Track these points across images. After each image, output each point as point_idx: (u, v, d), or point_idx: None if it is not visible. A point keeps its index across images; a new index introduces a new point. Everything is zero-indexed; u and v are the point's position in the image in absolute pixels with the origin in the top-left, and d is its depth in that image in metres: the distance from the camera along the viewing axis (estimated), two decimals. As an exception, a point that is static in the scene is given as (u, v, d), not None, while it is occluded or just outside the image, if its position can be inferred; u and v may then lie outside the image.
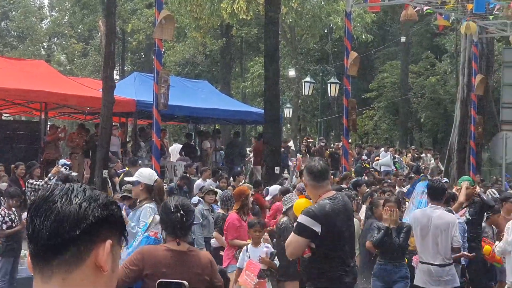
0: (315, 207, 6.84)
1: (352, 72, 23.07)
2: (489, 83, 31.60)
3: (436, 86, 46.69)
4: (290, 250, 6.94)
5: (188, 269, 5.87)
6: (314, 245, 6.82)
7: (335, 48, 46.65)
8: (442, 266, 10.47)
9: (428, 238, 10.58)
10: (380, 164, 29.37)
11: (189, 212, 6.07)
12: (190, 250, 6.07)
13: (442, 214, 10.64)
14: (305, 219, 6.78)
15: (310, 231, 6.75)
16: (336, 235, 6.90)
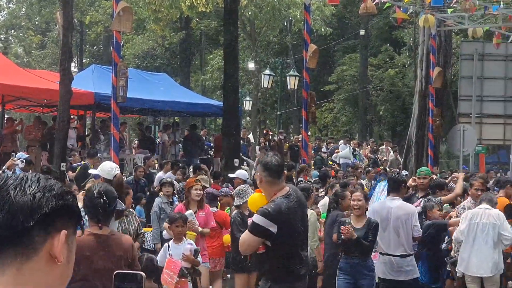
0: (271, 207, 6.74)
1: (311, 65, 23.08)
2: (447, 76, 31.85)
3: (395, 79, 47.02)
4: (244, 248, 6.90)
5: (110, 252, 6.16)
6: (270, 243, 6.78)
7: (295, 41, 46.73)
8: (403, 257, 10.55)
9: (388, 229, 10.64)
10: (339, 157, 29.49)
11: (112, 198, 6.33)
12: (112, 234, 6.37)
13: (401, 205, 10.72)
14: (260, 220, 6.70)
15: (266, 231, 6.70)
16: (291, 233, 6.87)
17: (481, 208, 10.91)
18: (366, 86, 47.65)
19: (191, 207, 11.56)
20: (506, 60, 32.32)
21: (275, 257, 6.85)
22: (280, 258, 6.85)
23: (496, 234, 10.68)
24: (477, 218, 10.80)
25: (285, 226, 6.75)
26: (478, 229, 10.73)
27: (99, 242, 6.17)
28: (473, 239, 10.77)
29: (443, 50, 29.94)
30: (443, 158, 45.45)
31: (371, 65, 49.40)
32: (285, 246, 6.86)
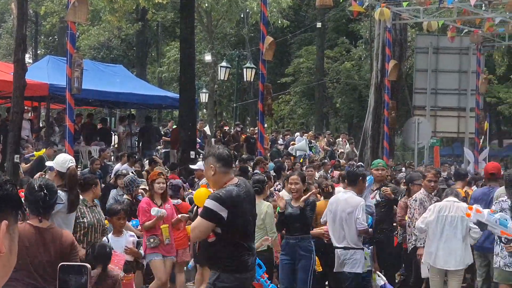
0: (222, 192, 6.86)
1: (268, 57, 23.07)
2: (402, 69, 32.10)
3: (351, 71, 47.22)
4: (196, 234, 6.98)
5: (49, 244, 6.31)
6: (220, 230, 6.85)
7: (251, 33, 46.70)
8: (346, 249, 10.65)
9: (336, 222, 10.75)
10: (295, 149, 29.55)
11: (52, 191, 6.51)
12: (51, 227, 6.50)
13: (349, 198, 10.81)
14: (212, 204, 6.79)
15: (217, 216, 6.78)
16: (241, 220, 6.95)
17: (449, 201, 10.93)
18: (323, 78, 47.77)
19: (155, 200, 11.52)
20: (460, 54, 32.66)
21: (225, 245, 6.91)
22: (230, 247, 6.90)
23: (464, 228, 10.68)
24: (445, 211, 10.82)
25: (236, 212, 6.84)
26: (446, 222, 10.74)
27: (39, 234, 6.32)
28: (441, 232, 10.78)
29: (399, 43, 30.16)
30: (398, 151, 45.86)
31: (327, 58, 49.53)
32: (235, 234, 6.92)
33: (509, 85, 47.41)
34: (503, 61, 45.02)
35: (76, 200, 8.98)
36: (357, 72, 47.47)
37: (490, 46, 35.09)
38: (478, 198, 11.54)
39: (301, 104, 51.54)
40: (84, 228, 9.57)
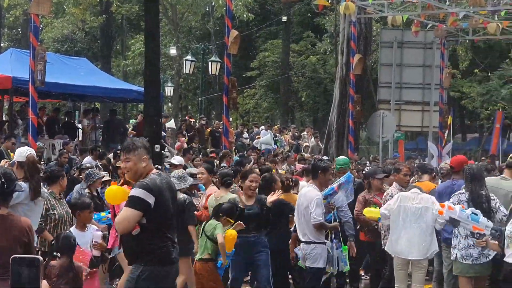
0: (147, 180, 6.80)
1: (233, 51, 23.06)
2: (367, 63, 32.22)
3: (316, 65, 47.28)
4: (125, 225, 6.75)
5: (7, 231, 6.43)
6: (145, 220, 6.75)
7: (217, 27, 46.62)
8: (307, 244, 10.68)
9: (300, 216, 10.79)
10: (260, 143, 29.56)
11: (10, 180, 6.62)
12: (10, 214, 6.62)
13: (307, 192, 10.82)
14: (139, 192, 6.71)
15: (145, 204, 6.69)
16: (166, 209, 6.91)
17: (414, 192, 10.97)
18: (288, 72, 47.79)
19: None
20: (425, 48, 32.85)
21: (149, 237, 6.80)
22: (154, 238, 6.82)
23: (429, 218, 10.72)
24: (409, 201, 10.87)
25: (161, 200, 6.80)
26: (410, 212, 10.78)
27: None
28: (403, 222, 10.82)
29: (363, 38, 30.29)
30: (364, 144, 45.98)
31: (293, 52, 49.55)
32: (160, 224, 6.86)
33: (473, 80, 47.76)
34: (466, 56, 45.39)
35: (38, 186, 8.94)
36: (322, 66, 47.55)
37: (454, 41, 35.34)
38: (442, 191, 11.61)
39: (266, 98, 51.53)
40: (55, 220, 9.62)
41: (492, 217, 9.93)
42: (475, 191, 10.32)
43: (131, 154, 6.97)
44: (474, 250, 10.19)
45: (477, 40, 36.56)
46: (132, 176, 7.01)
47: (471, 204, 10.18)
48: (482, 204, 10.14)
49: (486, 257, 10.17)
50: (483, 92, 45.80)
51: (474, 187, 10.36)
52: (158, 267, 6.86)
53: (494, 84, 45.92)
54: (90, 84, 26.08)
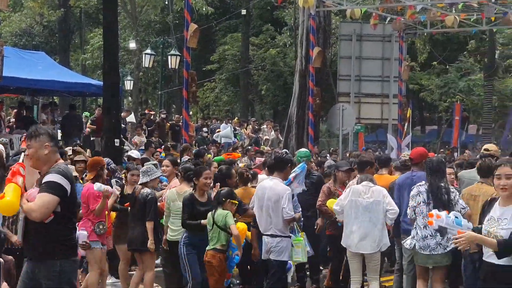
0: (61, 167, 6.75)
1: (192, 44, 22.98)
2: (327, 56, 32.33)
3: (276, 58, 47.30)
4: (43, 212, 6.52)
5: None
6: (60, 208, 6.62)
7: (176, 20, 46.41)
8: (272, 237, 10.68)
9: (263, 209, 10.76)
10: (220, 136, 29.54)
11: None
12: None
13: (274, 185, 10.81)
14: (57, 177, 6.62)
15: (62, 189, 6.61)
16: (75, 198, 6.94)
17: (365, 186, 11.04)
18: (248, 65, 47.78)
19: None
20: (383, 41, 33.03)
21: (60, 227, 6.69)
22: (65, 229, 6.73)
23: (380, 211, 10.84)
24: (360, 195, 10.95)
25: (73, 188, 6.76)
26: (361, 206, 10.87)
27: None
28: (355, 216, 10.91)
29: (323, 31, 30.35)
30: (324, 137, 46.11)
31: (252, 45, 49.52)
32: (71, 214, 6.81)
33: (431, 72, 48.16)
34: (425, 49, 45.76)
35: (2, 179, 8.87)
36: (282, 59, 47.60)
37: (412, 34, 35.58)
38: (401, 183, 11.69)
39: (226, 92, 51.48)
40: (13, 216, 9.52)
41: (451, 210, 9.97)
42: (435, 183, 10.39)
43: (33, 140, 6.81)
44: (431, 241, 10.32)
45: (435, 32, 36.89)
46: (35, 163, 6.83)
47: (430, 196, 10.33)
48: (442, 196, 10.27)
49: (444, 248, 10.29)
50: (441, 84, 46.26)
51: (433, 180, 10.42)
52: (71, 259, 6.80)
53: (452, 76, 46.42)
54: (49, 78, 25.83)
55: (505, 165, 6.63)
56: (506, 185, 6.56)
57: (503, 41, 47.04)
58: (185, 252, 10.55)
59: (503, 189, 6.57)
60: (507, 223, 6.45)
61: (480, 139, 48.31)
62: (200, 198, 10.68)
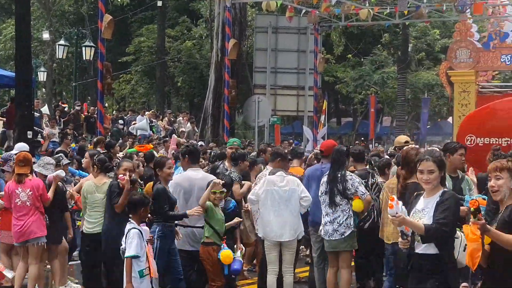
0: None
1: (106, 36, 22.76)
2: (243, 48, 32.40)
3: (192, 50, 47.17)
4: None
5: None
6: None
7: (91, 11, 45.86)
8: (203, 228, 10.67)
9: (192, 201, 10.70)
10: (136, 128, 29.32)
11: None
12: None
13: (205, 176, 10.85)
14: None
15: None
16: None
17: (279, 176, 11.14)
18: (164, 57, 47.48)
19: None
20: (299, 33, 33.32)
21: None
22: None
23: (297, 199, 10.98)
24: (275, 185, 11.04)
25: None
26: (278, 196, 10.97)
27: None
28: (272, 205, 10.98)
29: (238, 23, 30.43)
30: (240, 129, 46.26)
31: (168, 37, 49.24)
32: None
33: (346, 65, 48.73)
34: (340, 41, 46.25)
35: None
36: (198, 51, 47.49)
37: (327, 26, 35.89)
38: (311, 175, 11.82)
39: (142, 84, 51.10)
40: None
41: (346, 197, 10.64)
42: (332, 172, 10.79)
43: None
44: (330, 227, 10.75)
45: (349, 25, 37.30)
46: None
47: (329, 184, 10.75)
48: (338, 185, 10.69)
49: (341, 234, 10.69)
50: (356, 77, 46.88)
51: (332, 169, 10.82)
52: None
53: (366, 69, 47.07)
54: (-42, 70, 25.29)
55: (427, 160, 6.78)
56: (429, 179, 6.71)
57: (416, 34, 47.83)
58: (160, 246, 10.17)
59: (426, 183, 6.73)
60: (429, 211, 6.62)
61: (394, 131, 49.13)
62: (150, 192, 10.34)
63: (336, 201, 10.70)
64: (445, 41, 45.40)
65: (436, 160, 6.75)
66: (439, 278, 6.64)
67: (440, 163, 6.77)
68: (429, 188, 6.69)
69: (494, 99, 14.41)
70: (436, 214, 6.57)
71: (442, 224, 6.44)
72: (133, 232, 8.78)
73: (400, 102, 45.74)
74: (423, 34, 47.89)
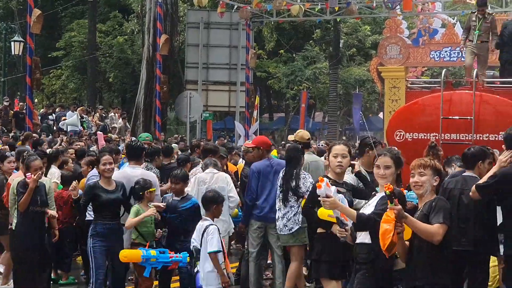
0: None
1: (35, 30, 22.50)
2: (174, 43, 32.30)
3: (124, 45, 46.84)
4: None
5: None
6: None
7: (20, 5, 45.21)
8: None
9: (133, 198, 10.64)
10: (67, 124, 29.03)
11: None
12: None
13: (144, 173, 10.73)
14: None
15: None
16: None
17: (208, 173, 11.15)
18: (95, 52, 47.04)
19: None
20: (231, 29, 33.35)
21: None
22: None
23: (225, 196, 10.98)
24: (205, 183, 11.02)
25: None
26: (207, 193, 10.98)
27: None
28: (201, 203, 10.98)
29: (170, 18, 30.30)
30: (172, 125, 46.15)
31: (99, 32, 48.75)
32: None
33: (278, 60, 48.90)
34: (272, 37, 46.38)
35: None
36: (130, 46, 47.17)
37: (259, 22, 36.00)
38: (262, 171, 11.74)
39: (73, 79, 50.47)
40: None
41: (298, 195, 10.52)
42: (288, 169, 10.79)
43: None
44: (281, 222, 10.74)
45: (281, 21, 37.45)
46: None
47: (284, 180, 10.75)
48: (291, 181, 10.65)
49: (289, 229, 10.68)
50: (288, 72, 47.06)
51: (288, 166, 10.82)
52: None
53: (298, 64, 47.28)
54: None
55: (385, 155, 6.94)
56: (385, 174, 6.87)
57: (347, 30, 48.24)
58: (92, 244, 9.98)
59: (381, 177, 6.89)
60: (372, 202, 6.76)
61: (326, 126, 49.52)
62: (106, 186, 10.07)
63: (288, 198, 10.71)
64: (376, 37, 45.89)
65: (393, 157, 6.93)
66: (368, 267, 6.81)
67: (397, 160, 6.94)
68: (384, 183, 6.78)
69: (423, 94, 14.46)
70: (377, 206, 6.75)
71: (377, 214, 6.58)
72: (212, 229, 9.13)
73: (331, 97, 46.07)
74: (354, 30, 48.31)
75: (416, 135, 13.68)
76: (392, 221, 6.08)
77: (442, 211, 6.31)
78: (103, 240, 9.94)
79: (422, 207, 6.47)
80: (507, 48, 14.87)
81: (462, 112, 13.08)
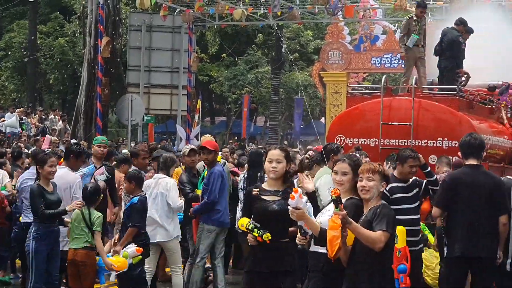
0: None
1: (-26, 30, 22.23)
2: (116, 46, 32.08)
3: (65, 47, 46.39)
4: None
5: None
6: None
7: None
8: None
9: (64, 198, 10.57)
10: (5, 126, 28.68)
11: None
12: None
13: (64, 174, 10.67)
14: None
15: None
16: None
17: (155, 178, 11.30)
18: (35, 54, 46.48)
19: None
20: (173, 32, 33.33)
21: None
22: None
23: (164, 202, 11.09)
24: (149, 189, 11.08)
25: None
26: (151, 198, 10.96)
27: None
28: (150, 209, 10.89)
29: (112, 20, 30.08)
30: (113, 128, 45.84)
31: (40, 33, 48.23)
32: None
33: (221, 64, 48.94)
34: (215, 41, 46.39)
35: None
36: (71, 48, 46.72)
37: (201, 26, 35.95)
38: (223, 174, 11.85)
39: (13, 80, 49.84)
40: None
41: None
42: (250, 173, 11.26)
43: None
44: None
45: (224, 25, 37.49)
46: None
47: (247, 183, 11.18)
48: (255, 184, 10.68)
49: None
50: (230, 76, 47.14)
51: (252, 170, 11.28)
52: None
53: (241, 69, 47.41)
54: None
55: (343, 161, 6.93)
56: (342, 180, 6.83)
57: (289, 35, 48.44)
58: (34, 249, 9.78)
59: (339, 184, 6.85)
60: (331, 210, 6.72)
61: (267, 130, 49.65)
62: (48, 188, 9.97)
63: None
64: (318, 42, 46.15)
65: (351, 163, 6.86)
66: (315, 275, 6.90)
67: (355, 167, 6.84)
68: (342, 190, 6.77)
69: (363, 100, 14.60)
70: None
71: None
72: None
73: (273, 102, 46.21)
74: (297, 35, 48.56)
75: (357, 140, 13.82)
76: (339, 227, 6.10)
77: (386, 218, 6.32)
78: (45, 243, 9.86)
79: (367, 213, 6.47)
80: (446, 55, 15.04)
81: (402, 118, 13.26)
